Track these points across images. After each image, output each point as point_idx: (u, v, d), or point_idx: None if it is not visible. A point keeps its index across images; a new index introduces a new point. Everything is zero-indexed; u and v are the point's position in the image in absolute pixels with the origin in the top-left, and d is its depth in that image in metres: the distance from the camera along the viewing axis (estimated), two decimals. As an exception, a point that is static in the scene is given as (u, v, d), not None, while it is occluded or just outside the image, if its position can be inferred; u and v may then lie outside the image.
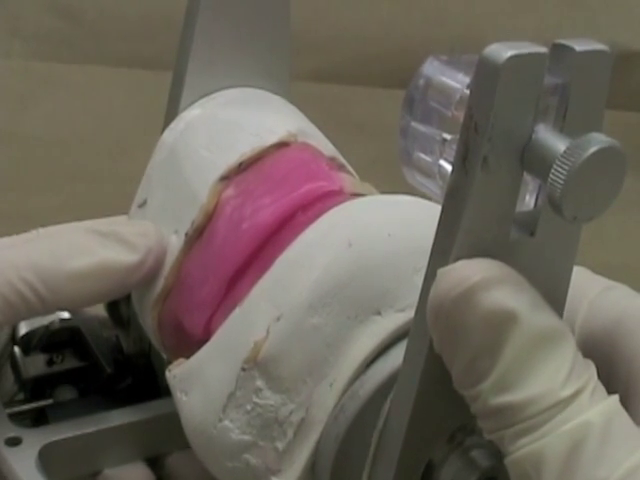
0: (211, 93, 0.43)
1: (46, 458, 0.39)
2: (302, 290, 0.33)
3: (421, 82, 0.28)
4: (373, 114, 0.93)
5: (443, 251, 0.27)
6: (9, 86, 0.93)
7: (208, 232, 0.38)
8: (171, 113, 0.43)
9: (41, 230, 0.42)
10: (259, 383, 0.33)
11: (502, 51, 0.25)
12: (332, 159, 0.41)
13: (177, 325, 0.39)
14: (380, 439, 0.31)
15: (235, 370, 0.34)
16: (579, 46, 0.26)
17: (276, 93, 0.44)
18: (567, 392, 0.26)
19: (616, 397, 0.27)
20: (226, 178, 0.38)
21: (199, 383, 0.35)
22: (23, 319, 0.42)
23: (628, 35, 0.96)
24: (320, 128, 0.42)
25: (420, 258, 0.28)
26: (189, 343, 0.38)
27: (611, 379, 0.30)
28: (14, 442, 0.39)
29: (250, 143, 0.39)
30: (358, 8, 0.96)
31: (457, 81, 0.27)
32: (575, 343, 0.27)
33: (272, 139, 0.39)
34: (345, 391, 0.32)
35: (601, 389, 0.27)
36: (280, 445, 0.33)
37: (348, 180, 0.39)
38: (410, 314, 0.30)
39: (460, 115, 0.26)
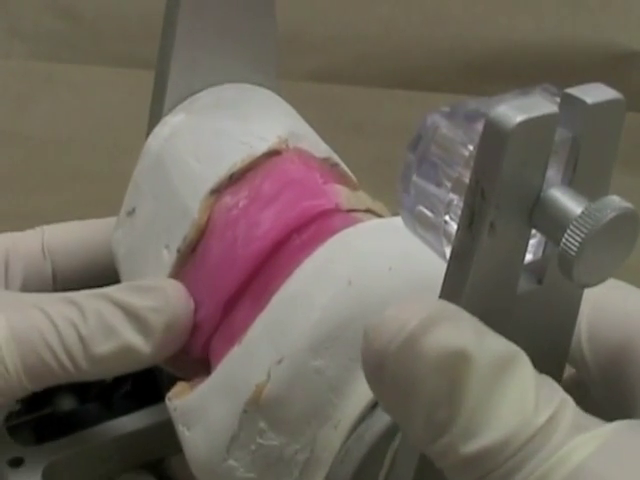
0: (196, 92, 0.41)
1: (49, 477, 0.39)
2: (302, 332, 0.32)
3: (429, 122, 0.27)
4: (373, 114, 0.93)
5: None
6: (9, 86, 0.93)
7: (201, 249, 0.37)
8: (155, 115, 0.41)
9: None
10: (262, 425, 0.33)
11: (511, 116, 0.23)
12: (325, 160, 0.39)
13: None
14: None
15: (237, 411, 0.33)
16: (591, 98, 0.25)
17: (263, 86, 0.42)
18: (542, 418, 0.24)
19: (604, 424, 0.25)
20: (217, 191, 0.37)
21: (201, 421, 0.35)
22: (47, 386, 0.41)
23: (628, 35, 0.96)
24: (319, 128, 0.41)
25: (421, 294, 0.26)
26: (187, 359, 0.38)
27: (620, 380, 0.30)
28: (17, 463, 0.39)
29: (240, 152, 0.38)
30: (358, 8, 0.96)
31: (462, 139, 0.26)
32: (530, 361, 0.25)
33: (262, 147, 0.38)
34: (351, 433, 0.32)
35: (578, 409, 0.25)
36: None
37: (343, 194, 0.37)
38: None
39: (466, 175, 0.25)
